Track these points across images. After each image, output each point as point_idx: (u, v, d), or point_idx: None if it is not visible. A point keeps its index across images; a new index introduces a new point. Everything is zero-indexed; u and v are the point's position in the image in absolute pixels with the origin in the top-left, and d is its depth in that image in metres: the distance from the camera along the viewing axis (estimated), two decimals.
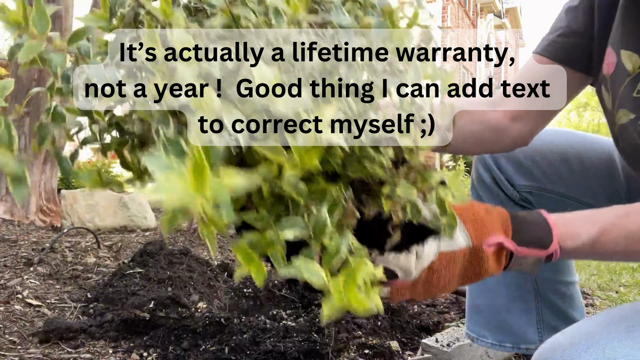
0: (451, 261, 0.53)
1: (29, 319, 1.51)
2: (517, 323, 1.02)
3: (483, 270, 0.55)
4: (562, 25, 0.83)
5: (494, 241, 0.54)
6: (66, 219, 2.77)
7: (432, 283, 0.54)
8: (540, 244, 0.55)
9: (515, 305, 1.02)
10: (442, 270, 0.54)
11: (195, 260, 1.98)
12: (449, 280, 0.54)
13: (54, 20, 2.93)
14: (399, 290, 0.55)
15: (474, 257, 0.54)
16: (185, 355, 1.29)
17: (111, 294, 1.63)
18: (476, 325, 1.07)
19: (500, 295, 1.03)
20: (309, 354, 1.22)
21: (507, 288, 1.02)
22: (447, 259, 0.53)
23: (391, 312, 1.60)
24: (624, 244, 0.58)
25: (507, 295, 1.02)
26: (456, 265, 0.54)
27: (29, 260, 1.95)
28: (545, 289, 1.00)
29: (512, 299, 1.02)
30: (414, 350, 1.44)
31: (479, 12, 15.01)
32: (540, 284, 1.00)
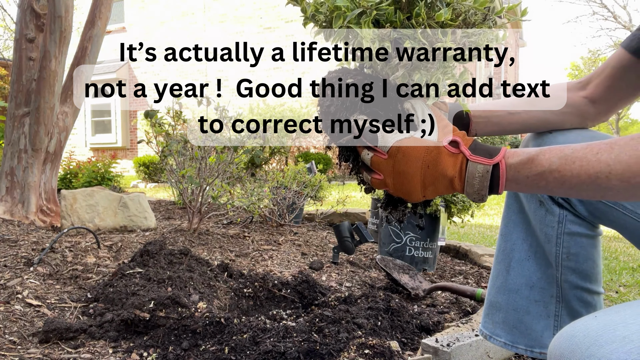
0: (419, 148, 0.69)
1: (29, 319, 1.51)
2: (535, 326, 1.01)
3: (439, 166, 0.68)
4: None
5: (451, 139, 0.69)
6: (66, 219, 2.77)
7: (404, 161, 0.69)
8: (488, 155, 0.68)
9: (536, 308, 1.01)
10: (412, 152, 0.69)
11: (195, 260, 1.98)
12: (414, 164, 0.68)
13: (54, 20, 2.93)
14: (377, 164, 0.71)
15: (435, 150, 0.69)
16: (185, 355, 1.29)
17: (111, 294, 1.63)
18: (492, 322, 1.06)
19: (522, 296, 1.01)
20: (309, 354, 1.22)
21: (530, 290, 1.01)
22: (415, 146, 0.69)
23: (391, 312, 1.60)
24: (558, 163, 0.64)
25: (529, 297, 1.01)
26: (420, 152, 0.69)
27: (29, 260, 1.95)
28: (569, 295, 0.99)
29: (534, 302, 1.01)
30: (414, 350, 1.44)
31: None
32: (565, 290, 0.99)
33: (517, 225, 1.03)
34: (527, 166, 0.66)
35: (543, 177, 0.65)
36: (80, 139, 14.61)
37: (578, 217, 0.96)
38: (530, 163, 0.66)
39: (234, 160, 2.87)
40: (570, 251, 0.96)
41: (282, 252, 2.64)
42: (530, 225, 1.01)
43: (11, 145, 3.12)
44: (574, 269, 0.97)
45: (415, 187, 0.70)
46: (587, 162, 0.62)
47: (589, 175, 0.62)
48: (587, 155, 0.62)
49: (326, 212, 3.74)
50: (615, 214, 0.89)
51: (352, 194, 6.42)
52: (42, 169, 3.21)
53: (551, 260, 0.98)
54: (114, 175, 6.30)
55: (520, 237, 1.03)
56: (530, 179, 0.66)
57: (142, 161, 9.92)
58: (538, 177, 0.66)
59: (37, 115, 3.05)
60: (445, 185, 0.69)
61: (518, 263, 1.02)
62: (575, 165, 0.63)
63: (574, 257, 0.96)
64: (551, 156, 0.65)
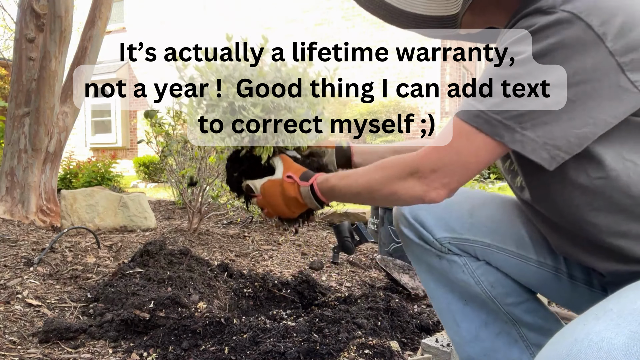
0: (274, 184, 1.03)
1: (29, 319, 1.51)
2: (511, 356, 1.05)
3: (285, 191, 1.01)
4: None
5: (287, 174, 1.03)
6: (66, 219, 2.77)
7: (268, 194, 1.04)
8: (307, 180, 0.99)
9: (502, 340, 1.05)
10: (270, 188, 1.04)
11: (195, 260, 1.98)
12: (275, 195, 1.03)
13: (54, 20, 2.93)
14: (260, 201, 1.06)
15: (280, 182, 1.03)
16: (185, 355, 1.28)
17: (111, 294, 1.63)
18: None
19: (483, 338, 1.06)
20: (309, 354, 1.22)
21: (485, 328, 1.06)
22: (272, 183, 1.04)
23: (391, 312, 1.60)
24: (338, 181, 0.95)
25: (489, 335, 1.05)
26: (276, 186, 1.03)
27: (29, 260, 1.95)
28: (516, 313, 1.04)
29: (496, 336, 1.05)
30: (414, 350, 1.44)
31: None
32: (511, 312, 1.04)
33: (436, 282, 1.09)
34: (324, 184, 0.96)
35: (333, 190, 0.95)
36: (80, 139, 14.61)
37: (475, 258, 1.04)
38: (326, 182, 0.96)
39: None
40: (490, 280, 1.03)
41: (282, 252, 2.64)
42: (446, 277, 1.07)
43: (11, 145, 3.12)
44: (503, 293, 1.04)
45: (283, 208, 1.03)
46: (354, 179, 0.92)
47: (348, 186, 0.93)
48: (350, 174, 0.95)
49: (326, 212, 3.74)
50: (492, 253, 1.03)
51: None
52: (42, 169, 3.21)
53: (483, 296, 1.04)
54: (114, 175, 6.30)
55: (447, 292, 1.08)
56: (329, 191, 0.96)
57: (142, 161, 9.92)
58: (332, 188, 0.95)
59: (37, 115, 3.05)
60: (296, 203, 1.01)
61: (461, 314, 1.07)
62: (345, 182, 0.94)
63: (497, 283, 1.03)
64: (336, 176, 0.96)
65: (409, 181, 0.82)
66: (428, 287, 1.11)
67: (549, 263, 0.99)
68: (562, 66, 0.68)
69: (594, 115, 0.69)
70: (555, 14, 0.68)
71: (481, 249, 1.03)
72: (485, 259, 1.04)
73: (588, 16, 0.67)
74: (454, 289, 1.07)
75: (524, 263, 1.01)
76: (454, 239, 1.03)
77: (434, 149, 0.79)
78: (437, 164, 0.78)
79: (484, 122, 0.73)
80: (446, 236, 1.03)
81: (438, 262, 1.07)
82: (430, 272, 1.09)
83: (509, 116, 0.71)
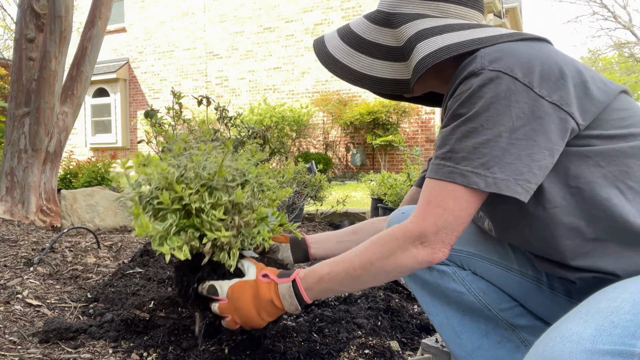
0: (245, 285, 0.99)
1: (29, 319, 1.51)
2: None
3: (259, 292, 0.97)
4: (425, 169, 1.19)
5: (264, 273, 1.00)
6: (66, 219, 2.77)
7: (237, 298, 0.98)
8: (287, 277, 0.97)
9: (504, 348, 1.06)
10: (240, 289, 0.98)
11: None
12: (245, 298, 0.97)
13: (54, 20, 2.93)
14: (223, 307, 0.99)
15: (255, 284, 0.98)
16: (185, 355, 1.28)
17: (111, 294, 1.63)
18: None
19: (485, 348, 1.06)
20: (309, 354, 1.22)
21: (487, 338, 1.06)
22: (243, 284, 0.99)
23: (391, 312, 1.60)
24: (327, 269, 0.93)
25: (491, 343, 1.06)
26: (247, 287, 0.99)
27: (29, 260, 1.95)
28: (511, 318, 1.05)
29: (497, 344, 1.06)
30: (414, 350, 1.44)
31: None
32: (507, 317, 1.06)
33: (432, 297, 1.10)
34: (310, 276, 0.94)
35: (322, 279, 0.93)
36: (80, 139, 14.61)
37: (462, 267, 1.07)
38: (312, 272, 0.95)
39: None
40: (480, 287, 1.06)
41: None
42: (440, 290, 1.08)
43: (11, 145, 3.12)
44: (495, 299, 1.06)
45: (254, 315, 0.98)
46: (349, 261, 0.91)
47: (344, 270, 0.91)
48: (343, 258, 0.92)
49: (326, 212, 3.74)
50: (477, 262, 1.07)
51: (352, 194, 6.42)
52: (42, 169, 3.21)
53: (478, 305, 1.05)
54: (114, 175, 6.30)
55: (444, 305, 1.09)
56: (316, 283, 0.93)
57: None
58: (319, 280, 0.93)
59: (37, 115, 3.05)
60: (271, 307, 0.97)
61: (460, 325, 1.08)
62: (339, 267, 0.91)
63: (487, 290, 1.06)
64: (322, 265, 0.94)
65: (411, 249, 0.85)
66: (425, 303, 1.12)
67: (530, 274, 1.03)
68: (506, 114, 0.78)
69: (548, 146, 0.78)
70: (485, 73, 0.80)
71: (466, 258, 1.06)
72: (470, 269, 1.07)
73: (512, 71, 0.79)
74: (450, 301, 1.08)
75: (508, 272, 1.04)
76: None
77: (428, 213, 0.84)
78: (437, 225, 0.83)
79: (459, 176, 0.80)
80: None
81: (429, 275, 1.08)
82: (424, 288, 1.11)
83: (478, 165, 0.79)
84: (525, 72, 0.79)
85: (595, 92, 0.81)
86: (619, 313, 0.63)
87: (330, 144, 11.43)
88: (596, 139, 0.81)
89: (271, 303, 0.96)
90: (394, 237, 0.87)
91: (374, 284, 0.92)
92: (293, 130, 10.84)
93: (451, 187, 0.82)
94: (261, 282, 0.98)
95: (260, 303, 0.97)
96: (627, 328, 0.60)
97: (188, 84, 13.30)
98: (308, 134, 11.28)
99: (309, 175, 3.49)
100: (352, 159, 11.02)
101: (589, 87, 0.81)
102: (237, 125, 2.87)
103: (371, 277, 0.90)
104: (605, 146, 0.80)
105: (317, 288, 0.94)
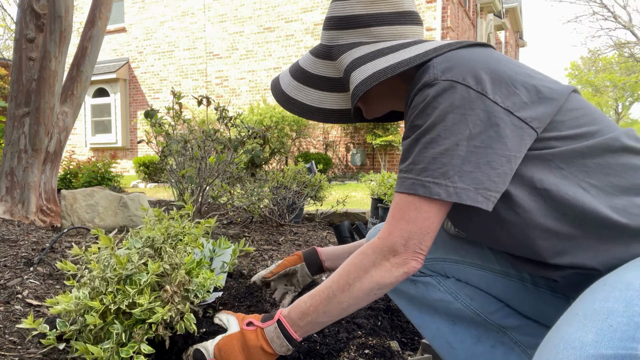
0: (231, 339, 0.96)
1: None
2: None
3: (248, 342, 0.94)
4: None
5: (247, 321, 0.98)
6: (66, 219, 2.77)
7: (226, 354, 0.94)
8: (271, 318, 0.96)
9: (498, 351, 1.05)
10: (227, 345, 0.95)
11: None
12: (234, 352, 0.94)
13: (54, 20, 2.93)
14: None
15: (241, 335, 0.96)
16: None
17: None
18: None
19: (479, 353, 1.06)
20: (309, 354, 1.22)
21: (480, 343, 1.06)
22: (228, 339, 0.96)
23: (391, 312, 1.60)
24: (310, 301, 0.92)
25: (485, 348, 1.06)
26: (233, 340, 0.96)
27: (29, 260, 1.95)
28: (500, 320, 1.05)
29: (491, 348, 1.06)
30: (414, 350, 1.44)
31: (479, 12, 15.00)
32: (497, 319, 1.05)
33: (420, 310, 1.10)
34: (293, 312, 0.93)
35: (307, 313, 0.91)
36: (80, 139, 14.62)
37: (445, 276, 1.07)
38: (295, 308, 0.93)
39: (234, 160, 2.87)
40: (467, 293, 1.06)
41: (282, 252, 2.64)
42: (426, 302, 1.08)
43: (11, 145, 3.12)
44: (482, 302, 1.06)
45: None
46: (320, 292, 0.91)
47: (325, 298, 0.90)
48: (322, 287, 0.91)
49: (326, 212, 3.74)
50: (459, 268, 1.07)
51: (352, 194, 6.42)
52: (42, 169, 3.21)
53: (467, 311, 1.05)
54: (114, 175, 6.30)
55: (433, 316, 1.09)
56: (301, 318, 0.92)
57: (142, 161, 9.92)
58: (304, 314, 0.92)
59: (37, 115, 3.05)
60: (263, 354, 0.93)
61: (451, 334, 1.07)
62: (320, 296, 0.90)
63: (474, 295, 1.06)
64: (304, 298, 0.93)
65: (385, 264, 0.86)
66: (413, 317, 1.11)
67: (513, 273, 1.03)
68: (462, 122, 0.79)
69: (505, 154, 0.80)
70: (439, 84, 0.81)
71: (449, 266, 1.06)
72: (454, 276, 1.07)
73: (465, 80, 0.80)
74: (439, 312, 1.08)
75: (491, 274, 1.04)
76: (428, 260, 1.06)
77: (393, 227, 0.85)
78: (404, 237, 0.84)
79: (421, 187, 0.81)
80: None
81: (414, 289, 1.08)
82: (411, 302, 1.10)
83: (438, 175, 0.80)
84: (477, 80, 0.80)
85: (547, 94, 0.82)
86: (614, 315, 0.64)
87: (330, 144, 11.44)
88: (554, 141, 0.82)
89: (261, 350, 0.93)
90: (365, 255, 0.88)
91: (358, 306, 0.90)
92: (293, 130, 10.84)
93: (412, 199, 0.83)
94: (246, 332, 0.96)
95: (250, 353, 0.94)
96: (626, 332, 0.61)
97: (188, 84, 13.30)
98: (308, 134, 11.28)
99: (309, 175, 3.49)
100: (352, 159, 11.02)
101: (540, 91, 0.82)
102: (237, 125, 2.87)
103: (353, 300, 0.89)
104: (563, 148, 0.82)
105: (303, 323, 0.92)
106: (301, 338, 0.94)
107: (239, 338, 0.96)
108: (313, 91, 1.01)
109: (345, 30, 0.97)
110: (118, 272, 1.02)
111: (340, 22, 0.98)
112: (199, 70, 13.19)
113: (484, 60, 0.83)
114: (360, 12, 0.96)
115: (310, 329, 0.93)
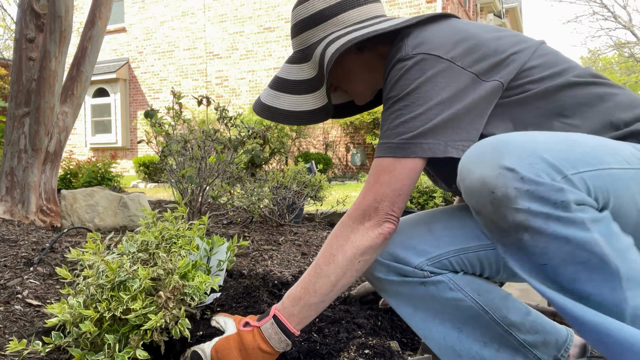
0: (228, 340, 0.96)
1: (29, 319, 1.51)
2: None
3: (245, 343, 0.94)
4: None
5: (244, 322, 0.98)
6: (66, 219, 2.77)
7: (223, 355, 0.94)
8: (266, 316, 0.96)
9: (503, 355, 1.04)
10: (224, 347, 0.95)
11: None
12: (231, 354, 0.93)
13: (54, 20, 2.93)
14: None
15: (238, 337, 0.96)
16: None
17: None
18: None
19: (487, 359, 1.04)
20: (309, 354, 1.22)
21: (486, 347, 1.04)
22: (225, 340, 0.96)
23: (391, 312, 1.60)
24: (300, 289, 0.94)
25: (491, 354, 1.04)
26: (230, 342, 0.96)
27: (29, 260, 1.95)
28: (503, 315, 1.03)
29: (497, 352, 1.04)
30: (414, 350, 1.44)
31: (479, 12, 15.01)
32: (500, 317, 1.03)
33: (425, 318, 1.06)
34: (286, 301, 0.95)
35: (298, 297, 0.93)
36: (80, 139, 14.62)
37: (454, 271, 1.04)
38: (287, 297, 0.95)
39: (234, 160, 2.87)
40: (474, 288, 1.03)
41: (282, 252, 2.64)
42: (434, 306, 1.04)
43: (11, 145, 3.12)
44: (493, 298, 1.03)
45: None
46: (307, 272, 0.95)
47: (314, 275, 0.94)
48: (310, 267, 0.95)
49: (326, 212, 3.74)
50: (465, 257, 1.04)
51: (352, 194, 6.42)
52: (42, 169, 3.21)
53: (476, 310, 1.02)
54: (114, 175, 6.30)
55: (439, 324, 1.05)
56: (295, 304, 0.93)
57: (142, 161, 9.92)
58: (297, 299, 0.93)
59: (37, 115, 3.05)
60: (261, 354, 0.94)
61: (458, 343, 1.05)
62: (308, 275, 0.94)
63: (481, 290, 1.03)
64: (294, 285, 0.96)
65: (360, 228, 0.91)
66: (418, 327, 1.09)
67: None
68: (433, 89, 0.87)
69: (476, 111, 0.88)
70: (412, 58, 0.90)
71: (455, 258, 1.04)
72: (462, 268, 1.04)
73: (435, 51, 0.89)
74: (445, 318, 1.05)
75: (489, 251, 1.03)
76: (430, 260, 1.03)
77: (367, 191, 0.90)
78: (377, 200, 0.89)
79: (398, 149, 0.88)
80: (422, 260, 1.02)
81: (424, 290, 1.05)
82: (417, 310, 1.07)
83: (414, 135, 0.87)
84: (446, 50, 0.89)
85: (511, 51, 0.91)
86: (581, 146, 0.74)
87: (330, 144, 11.44)
88: (529, 84, 0.90)
89: (259, 350, 0.93)
90: (343, 223, 0.93)
91: (346, 280, 0.93)
92: (293, 130, 10.85)
93: (387, 162, 0.89)
94: (243, 332, 0.95)
95: (248, 354, 0.93)
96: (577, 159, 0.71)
97: (188, 84, 13.30)
98: (308, 134, 11.28)
99: (309, 175, 3.49)
100: (352, 159, 11.02)
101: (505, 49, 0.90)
102: (237, 125, 2.87)
103: (340, 271, 0.92)
104: (538, 88, 0.89)
105: (297, 310, 0.93)
106: (298, 331, 0.95)
107: (236, 339, 0.96)
108: (291, 96, 1.06)
109: (314, 27, 1.03)
110: (110, 278, 1.02)
111: (309, 21, 1.03)
112: (199, 70, 13.19)
113: (450, 30, 0.92)
114: (323, 6, 1.02)
115: (305, 315, 0.95)
